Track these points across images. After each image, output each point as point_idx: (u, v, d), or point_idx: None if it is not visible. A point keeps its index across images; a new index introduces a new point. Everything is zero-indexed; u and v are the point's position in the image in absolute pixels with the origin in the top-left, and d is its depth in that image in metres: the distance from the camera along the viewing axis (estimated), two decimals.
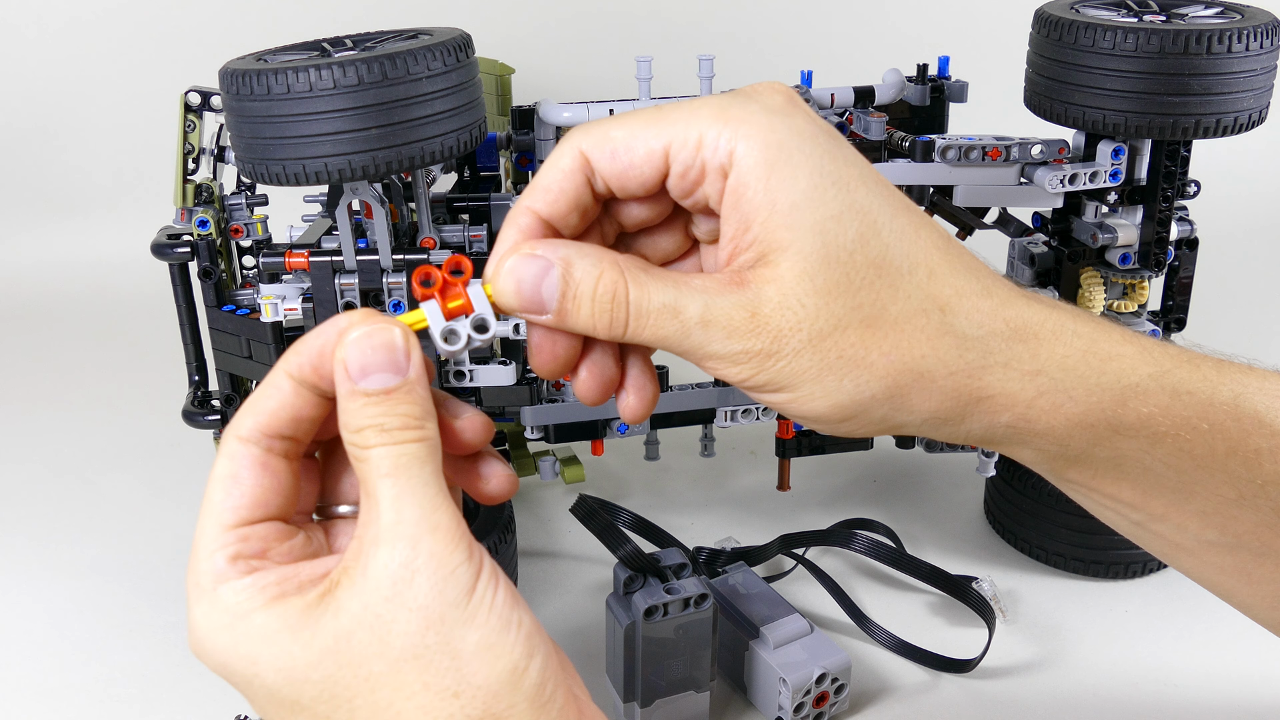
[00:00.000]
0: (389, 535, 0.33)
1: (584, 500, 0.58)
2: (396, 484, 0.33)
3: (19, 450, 0.93)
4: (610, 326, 0.35)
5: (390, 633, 0.33)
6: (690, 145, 0.34)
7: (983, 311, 0.36)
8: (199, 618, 0.34)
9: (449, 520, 0.33)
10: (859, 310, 0.34)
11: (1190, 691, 0.62)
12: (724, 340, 0.34)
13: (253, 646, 0.34)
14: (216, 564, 0.34)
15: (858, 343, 0.35)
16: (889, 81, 0.74)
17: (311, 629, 0.33)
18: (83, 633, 0.69)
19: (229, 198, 0.68)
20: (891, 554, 0.70)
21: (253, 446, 0.35)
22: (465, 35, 0.57)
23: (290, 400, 0.35)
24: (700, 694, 0.58)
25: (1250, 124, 0.63)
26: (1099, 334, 0.37)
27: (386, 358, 0.34)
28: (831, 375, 0.35)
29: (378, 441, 0.34)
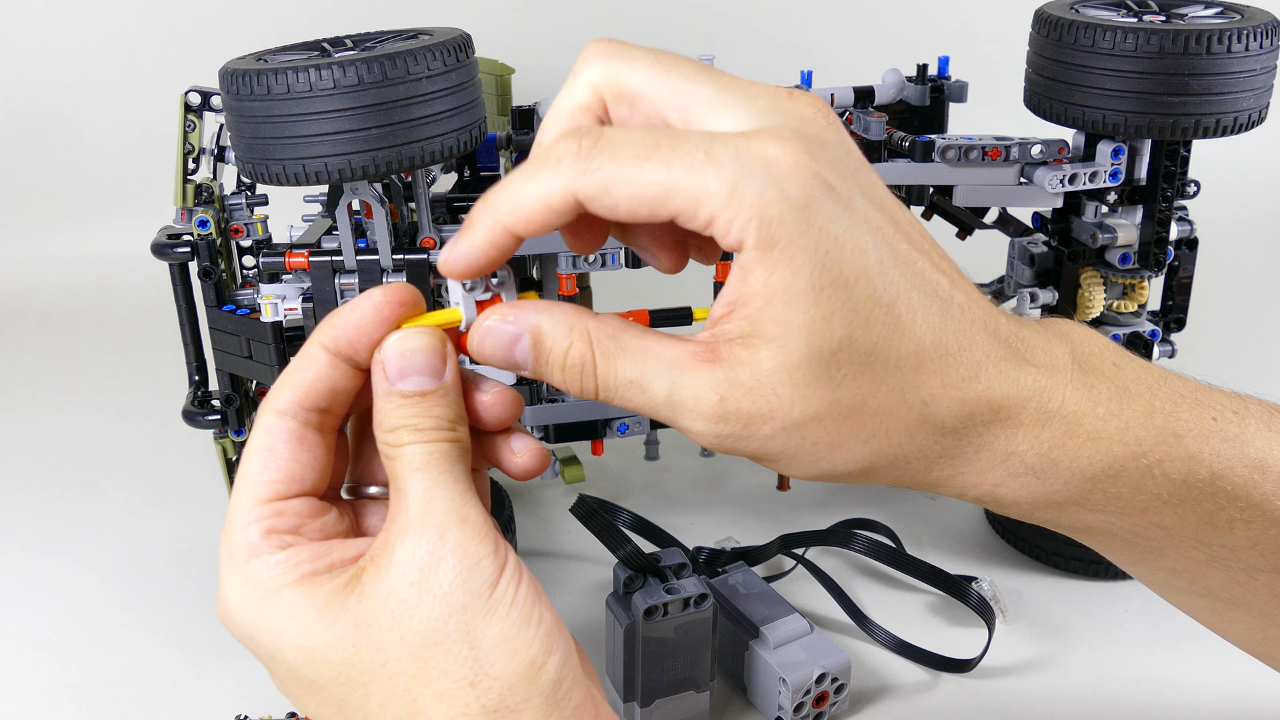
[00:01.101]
0: (417, 524, 0.34)
1: (584, 500, 0.59)
2: (427, 477, 0.34)
3: (19, 450, 0.93)
4: (581, 392, 0.35)
5: (412, 618, 0.33)
6: (699, 220, 0.32)
7: (967, 400, 0.35)
8: (230, 589, 0.35)
9: (477, 515, 0.34)
10: (837, 404, 0.33)
11: (1190, 692, 0.62)
12: (692, 420, 0.34)
13: (279, 622, 0.34)
14: (250, 537, 0.35)
15: (834, 431, 0.34)
16: (889, 81, 0.74)
17: (336, 610, 0.34)
18: (83, 633, 0.69)
19: (229, 198, 0.68)
20: (891, 554, 0.70)
21: (289, 419, 0.36)
22: (465, 35, 0.57)
23: (326, 372, 0.36)
24: (700, 694, 0.58)
25: (1250, 124, 0.63)
26: (1084, 408, 0.36)
27: (425, 361, 0.35)
28: (806, 457, 0.34)
29: (411, 440, 0.34)
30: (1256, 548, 0.38)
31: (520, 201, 0.33)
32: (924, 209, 0.77)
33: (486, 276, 0.37)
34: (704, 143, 0.32)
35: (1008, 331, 0.36)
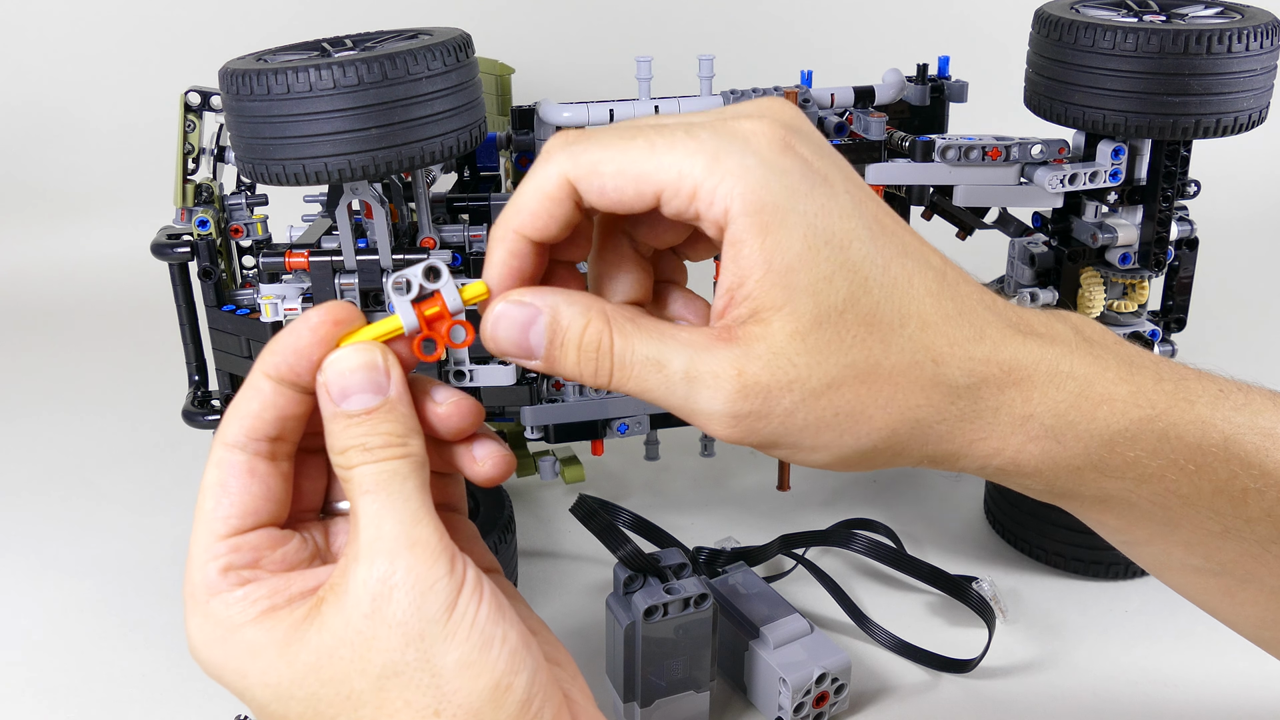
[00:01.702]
0: (368, 551, 0.33)
1: (584, 500, 0.58)
2: (376, 500, 0.34)
3: (19, 450, 0.93)
4: (595, 375, 0.35)
5: (371, 649, 0.33)
6: (684, 194, 0.33)
7: (975, 359, 0.35)
8: (194, 629, 0.35)
9: (428, 535, 0.33)
10: (852, 367, 0.34)
11: (1189, 691, 0.62)
12: (710, 398, 0.34)
13: (242, 661, 0.34)
14: (209, 576, 0.35)
15: (853, 398, 0.34)
16: (889, 81, 0.74)
17: (297, 645, 0.33)
18: (83, 633, 0.69)
19: (229, 198, 0.68)
20: (891, 554, 0.70)
21: (239, 452, 0.36)
22: (465, 35, 0.57)
23: (272, 400, 0.36)
24: (700, 694, 0.58)
25: (1250, 124, 0.63)
26: (1094, 374, 0.37)
27: (367, 378, 0.35)
28: (830, 431, 0.34)
29: (360, 460, 0.34)
30: (1270, 519, 0.38)
31: (521, 202, 0.35)
32: (924, 209, 0.77)
33: (420, 277, 0.36)
34: (684, 124, 0.34)
35: (1006, 308, 0.37)
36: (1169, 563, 0.42)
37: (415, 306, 0.36)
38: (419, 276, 0.36)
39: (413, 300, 0.36)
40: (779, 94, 0.69)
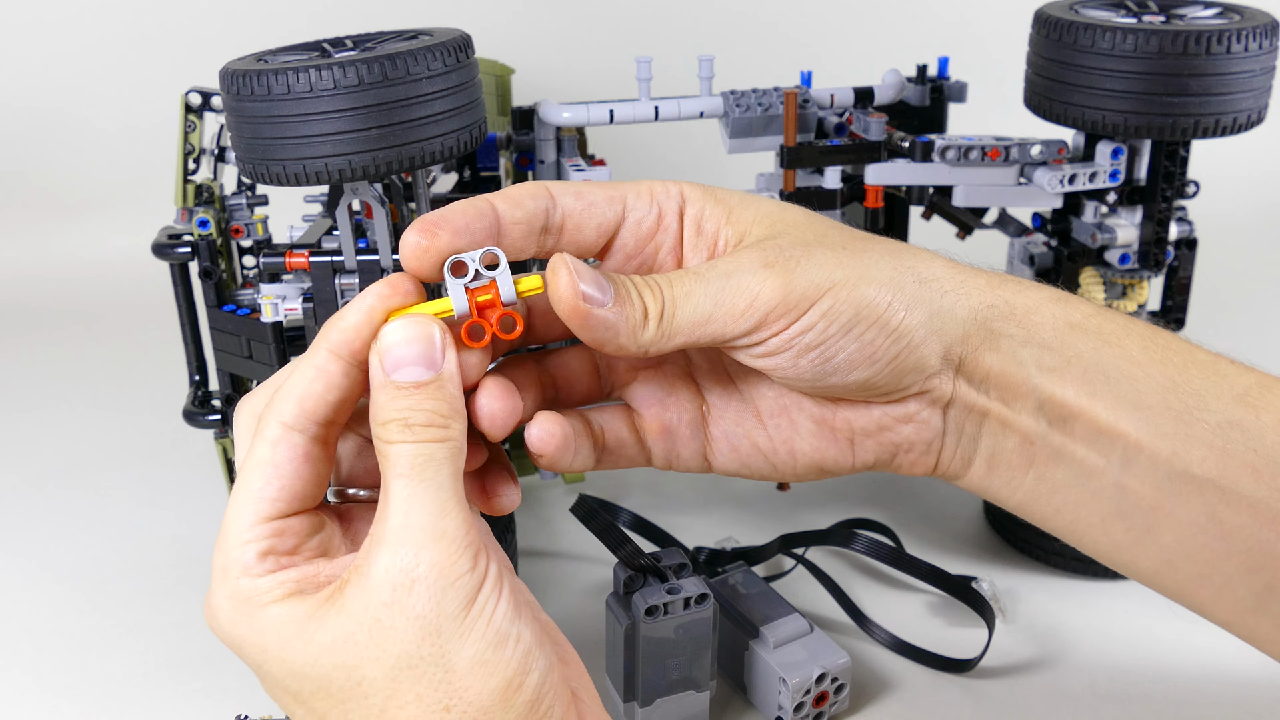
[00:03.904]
0: (394, 539, 0.33)
1: (584, 500, 0.59)
2: (409, 485, 0.33)
3: (19, 449, 0.93)
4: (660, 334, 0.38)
5: (388, 639, 0.33)
6: (644, 198, 0.40)
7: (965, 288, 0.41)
8: (220, 601, 0.35)
9: (457, 527, 0.33)
10: (842, 245, 0.39)
11: (1189, 691, 0.62)
12: (745, 267, 0.37)
13: (262, 636, 0.34)
14: (246, 557, 0.35)
15: (850, 245, 0.39)
16: (889, 81, 0.74)
17: (316, 624, 0.33)
18: (83, 633, 0.69)
19: (229, 198, 0.68)
20: (891, 554, 0.70)
21: (295, 434, 0.35)
22: (465, 35, 0.57)
23: (338, 381, 0.35)
24: (700, 694, 0.58)
25: (1250, 124, 0.64)
26: (1023, 289, 0.42)
27: (422, 351, 0.34)
28: (845, 258, 0.38)
29: (400, 438, 0.34)
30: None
31: (499, 192, 0.39)
32: (924, 209, 0.77)
33: (478, 263, 0.36)
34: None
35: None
36: (1146, 487, 0.40)
37: (469, 292, 0.36)
38: (476, 262, 0.36)
39: (466, 285, 0.36)
40: (779, 94, 0.69)
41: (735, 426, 0.42)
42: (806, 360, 0.38)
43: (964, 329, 0.40)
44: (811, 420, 0.42)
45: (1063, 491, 0.41)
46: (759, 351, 0.38)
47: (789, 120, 0.67)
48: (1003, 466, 0.42)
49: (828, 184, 0.69)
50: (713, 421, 0.43)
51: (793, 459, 0.42)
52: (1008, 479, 0.42)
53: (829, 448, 0.42)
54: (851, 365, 0.38)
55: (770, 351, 0.38)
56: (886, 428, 0.41)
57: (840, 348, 0.38)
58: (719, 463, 0.43)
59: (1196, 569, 0.40)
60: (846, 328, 0.38)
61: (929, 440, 0.42)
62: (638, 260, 0.41)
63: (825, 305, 0.37)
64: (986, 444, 0.41)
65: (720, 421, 0.43)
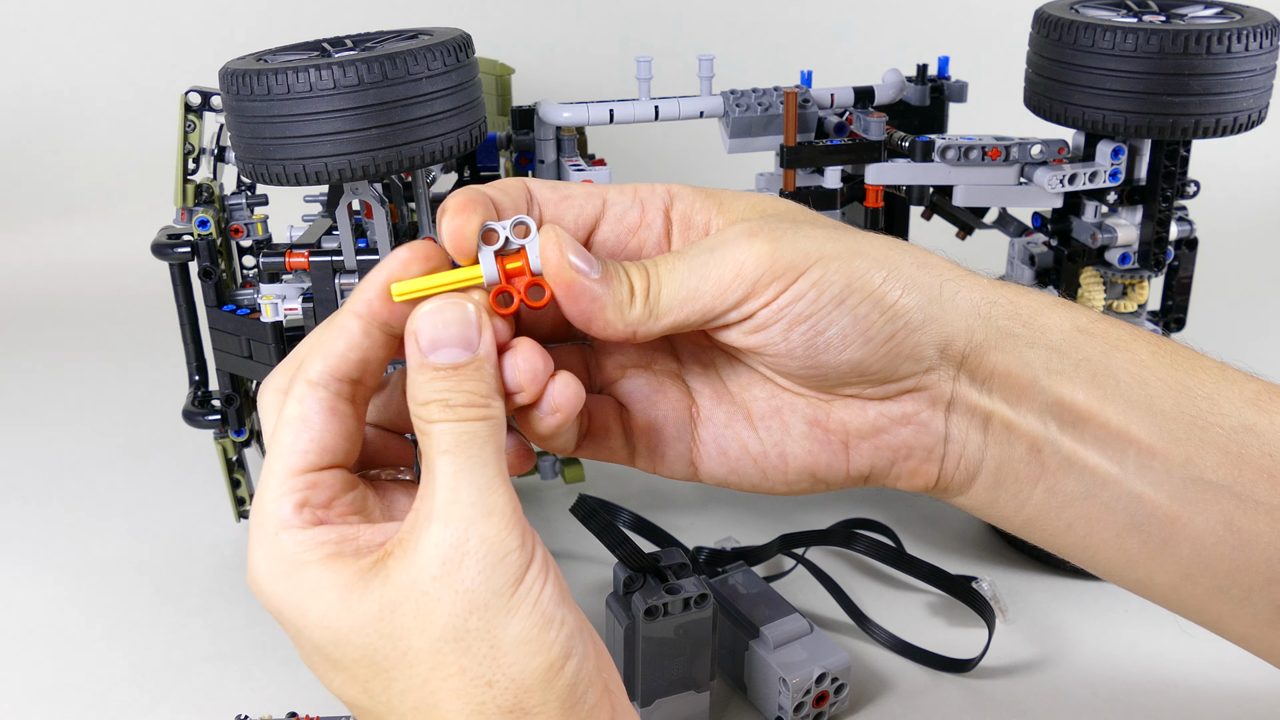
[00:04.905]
0: (443, 514, 0.33)
1: (584, 500, 0.59)
2: (455, 461, 0.33)
3: (19, 450, 0.93)
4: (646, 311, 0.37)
5: (434, 612, 0.33)
6: (627, 194, 0.39)
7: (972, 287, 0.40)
8: (259, 559, 0.35)
9: (505, 504, 0.33)
10: (833, 226, 0.39)
11: (1190, 691, 0.62)
12: (730, 240, 0.37)
13: (304, 598, 0.34)
14: (283, 509, 0.35)
15: (842, 227, 0.39)
16: (889, 81, 0.74)
17: (360, 593, 0.33)
18: (83, 633, 0.69)
19: (229, 198, 0.68)
20: (891, 554, 0.70)
21: (321, 390, 0.35)
22: (465, 35, 0.57)
23: (359, 342, 0.36)
24: (700, 694, 0.58)
25: (1250, 124, 0.64)
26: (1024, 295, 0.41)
27: (458, 333, 0.34)
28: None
29: (441, 417, 0.34)
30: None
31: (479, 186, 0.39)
32: (924, 209, 0.77)
33: (508, 230, 0.36)
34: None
35: None
36: (1158, 492, 0.39)
37: (498, 259, 0.36)
38: (507, 229, 0.36)
39: (496, 252, 0.36)
40: (779, 94, 0.69)
41: (725, 429, 0.41)
42: (798, 334, 0.37)
43: (967, 322, 0.38)
44: (805, 421, 0.40)
45: (1075, 505, 0.39)
46: (749, 326, 0.37)
47: (789, 120, 0.67)
48: (1010, 479, 0.40)
49: (828, 184, 0.69)
50: (701, 423, 0.41)
51: (784, 463, 0.41)
52: (1015, 492, 0.40)
53: (822, 451, 0.40)
54: (845, 341, 0.37)
55: (760, 325, 0.37)
56: (883, 429, 0.40)
57: (832, 320, 0.37)
58: (705, 467, 0.42)
59: (1215, 582, 0.39)
60: (839, 299, 0.37)
61: (929, 446, 0.40)
62: (621, 257, 0.40)
63: (816, 274, 0.37)
64: (993, 453, 0.39)
65: (709, 424, 0.41)
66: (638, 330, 0.37)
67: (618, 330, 0.37)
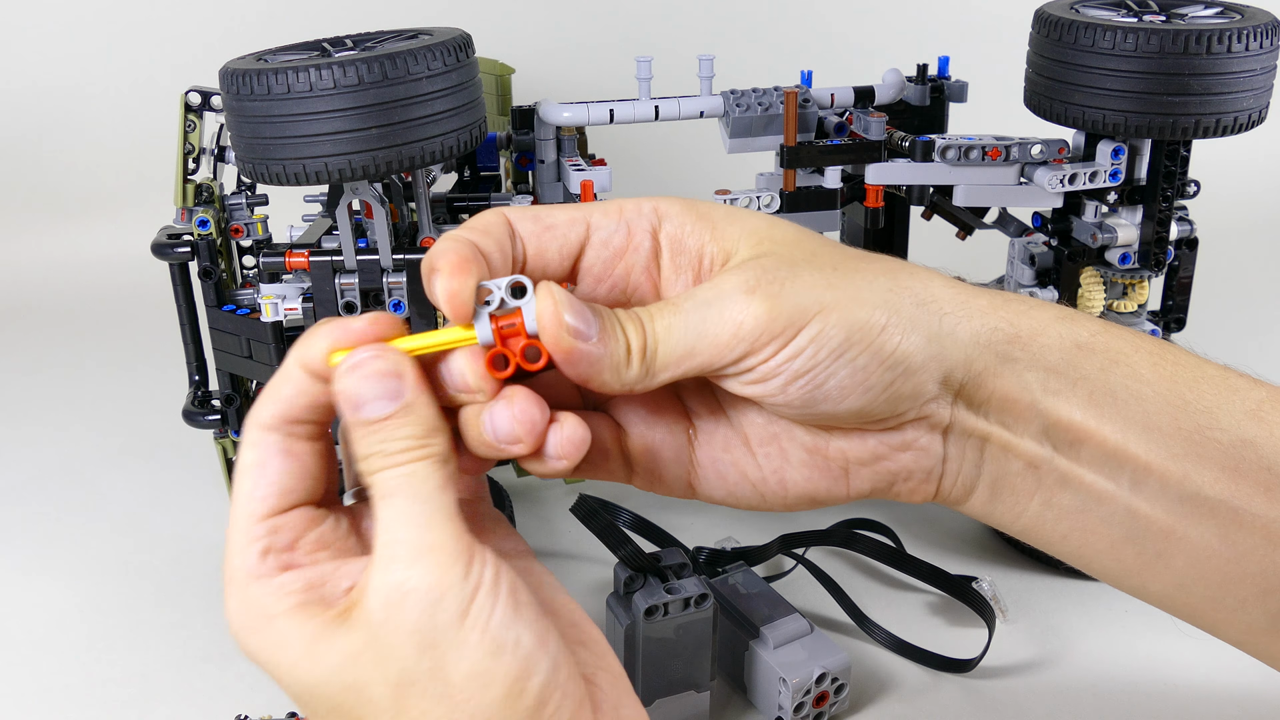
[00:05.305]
0: (383, 559, 0.33)
1: (584, 500, 0.58)
2: (393, 505, 0.34)
3: (19, 450, 0.93)
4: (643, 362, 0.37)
5: (389, 658, 0.33)
6: (611, 213, 0.38)
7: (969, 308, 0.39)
8: (233, 612, 0.35)
9: (443, 539, 0.33)
10: (833, 265, 0.38)
11: (1190, 691, 0.62)
12: (729, 294, 0.36)
13: (275, 652, 0.34)
14: (248, 559, 0.35)
15: (842, 265, 0.38)
16: (889, 81, 0.74)
17: (324, 645, 0.34)
18: (83, 633, 0.69)
19: (229, 197, 0.68)
20: (891, 554, 0.70)
21: (274, 434, 0.36)
22: (465, 35, 0.57)
23: (306, 388, 0.36)
24: (700, 694, 0.58)
25: (1250, 124, 0.64)
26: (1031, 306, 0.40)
27: (380, 386, 0.34)
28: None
29: (380, 466, 0.34)
30: None
31: (463, 226, 0.38)
32: (924, 209, 0.77)
33: (504, 291, 0.35)
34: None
35: None
36: (1157, 510, 0.39)
37: (493, 319, 0.35)
38: (503, 290, 0.35)
39: (491, 313, 0.35)
40: (779, 94, 0.69)
41: (723, 453, 0.41)
42: (795, 388, 0.37)
43: (966, 352, 0.38)
44: (803, 449, 0.40)
45: (1071, 517, 0.40)
46: (747, 380, 0.37)
47: (789, 120, 0.67)
48: (1007, 492, 0.40)
49: (828, 184, 0.69)
50: (699, 446, 0.41)
51: (783, 489, 0.41)
52: (1012, 505, 0.40)
53: (821, 479, 0.40)
54: (844, 393, 0.37)
55: (758, 379, 0.37)
56: (883, 456, 0.40)
57: (831, 373, 0.37)
58: (703, 489, 0.41)
59: (1209, 592, 0.39)
60: (837, 352, 0.36)
61: (928, 468, 0.40)
62: (608, 283, 0.39)
63: (814, 330, 0.36)
64: (989, 470, 0.40)
65: (707, 447, 0.41)
66: (634, 388, 0.37)
67: (614, 389, 0.37)
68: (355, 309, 0.61)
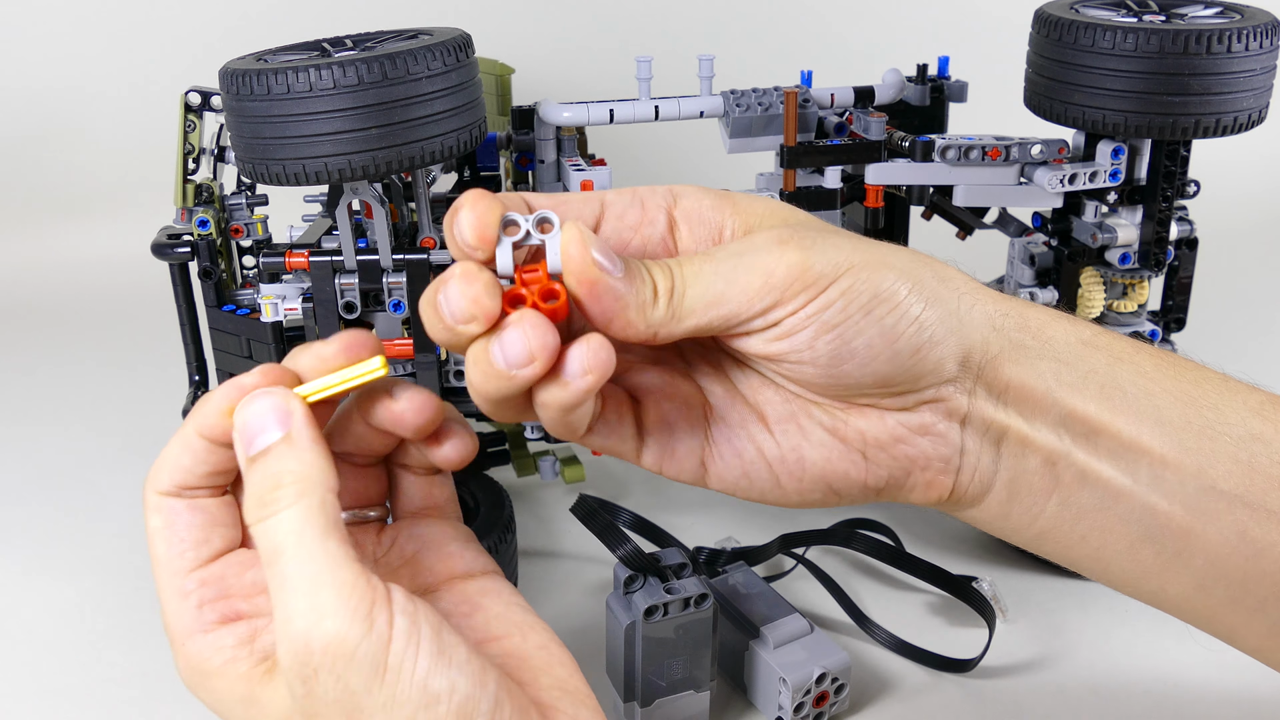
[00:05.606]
0: (284, 631, 0.32)
1: (584, 500, 0.58)
2: (277, 573, 0.33)
3: (19, 450, 0.93)
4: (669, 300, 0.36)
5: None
6: (625, 195, 0.39)
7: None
8: (179, 666, 0.36)
9: (334, 598, 0.32)
10: (856, 236, 0.38)
11: (1190, 691, 0.62)
12: (760, 246, 0.36)
13: (219, 705, 0.35)
14: (183, 617, 0.36)
15: (863, 238, 0.38)
16: (889, 81, 0.74)
17: (258, 708, 0.34)
18: (83, 633, 0.69)
19: (229, 198, 0.68)
20: (891, 554, 0.70)
21: (174, 499, 0.36)
22: (465, 35, 0.57)
23: (204, 456, 0.36)
24: (700, 694, 0.58)
25: (1250, 124, 0.64)
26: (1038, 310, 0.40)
27: (264, 419, 0.34)
28: (862, 244, 0.38)
29: (256, 517, 0.33)
30: None
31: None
32: (924, 209, 0.77)
33: (530, 224, 0.35)
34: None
35: None
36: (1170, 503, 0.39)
37: (515, 250, 0.35)
38: (530, 223, 0.35)
39: (515, 242, 0.35)
40: (779, 94, 0.69)
41: (739, 429, 0.40)
42: (824, 341, 0.36)
43: (982, 334, 0.38)
44: (823, 429, 0.39)
45: (1089, 517, 0.39)
46: (774, 334, 0.36)
47: (789, 120, 0.67)
48: (1024, 492, 0.39)
49: (828, 184, 0.69)
50: (715, 423, 0.40)
51: (801, 469, 0.40)
52: (1029, 505, 0.40)
53: (840, 459, 0.39)
54: (871, 353, 0.37)
55: (786, 332, 0.36)
56: (901, 439, 0.39)
57: (860, 330, 0.36)
58: (716, 469, 0.40)
59: (1229, 592, 0.39)
60: (867, 309, 0.36)
61: (947, 457, 0.39)
62: (625, 254, 0.39)
63: (845, 283, 0.36)
64: (1007, 465, 0.39)
65: (723, 424, 0.40)
66: (659, 331, 0.36)
67: (639, 331, 0.35)
68: (355, 309, 0.61)
